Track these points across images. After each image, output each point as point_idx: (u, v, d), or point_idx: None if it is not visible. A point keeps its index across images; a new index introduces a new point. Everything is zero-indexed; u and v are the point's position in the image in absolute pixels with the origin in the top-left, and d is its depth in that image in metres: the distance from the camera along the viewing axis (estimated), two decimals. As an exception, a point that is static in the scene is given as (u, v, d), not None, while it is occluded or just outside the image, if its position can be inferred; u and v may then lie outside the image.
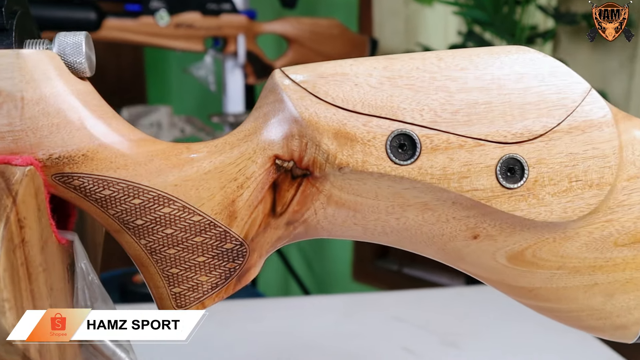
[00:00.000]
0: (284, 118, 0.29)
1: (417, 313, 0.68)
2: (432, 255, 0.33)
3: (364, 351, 0.60)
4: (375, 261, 1.84)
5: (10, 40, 0.28)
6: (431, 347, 0.61)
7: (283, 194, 0.30)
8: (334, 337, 0.63)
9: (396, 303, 0.72)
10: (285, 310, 0.72)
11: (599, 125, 0.31)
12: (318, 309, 0.72)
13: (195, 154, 0.30)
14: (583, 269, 0.32)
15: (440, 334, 0.63)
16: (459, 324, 0.65)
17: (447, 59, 0.30)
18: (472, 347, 0.62)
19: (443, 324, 0.66)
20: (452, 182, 0.29)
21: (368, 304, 0.73)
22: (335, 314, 0.69)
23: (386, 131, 0.29)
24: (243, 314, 0.69)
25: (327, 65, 0.30)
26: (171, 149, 0.30)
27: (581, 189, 0.31)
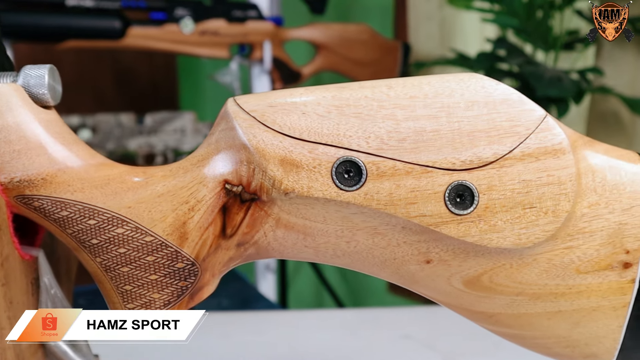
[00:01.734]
0: (234, 145, 0.32)
1: (425, 331, 0.69)
2: (388, 278, 0.34)
3: None
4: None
5: (-25, 73, 0.32)
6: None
7: (233, 217, 0.32)
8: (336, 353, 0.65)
9: (407, 319, 0.73)
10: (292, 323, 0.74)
11: (554, 152, 0.32)
12: (326, 323, 0.74)
13: (150, 177, 0.32)
14: (544, 296, 0.33)
15: (444, 352, 0.65)
16: (465, 343, 0.66)
17: (397, 87, 0.32)
18: None
19: (449, 342, 0.67)
20: (399, 208, 0.31)
21: (378, 320, 0.74)
22: (343, 329, 0.71)
23: (332, 158, 0.31)
24: (247, 325, 0.72)
25: (278, 94, 0.32)
26: (128, 173, 0.33)
27: (535, 216, 0.32)
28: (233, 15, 1.17)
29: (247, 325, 0.73)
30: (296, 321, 0.76)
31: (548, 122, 0.32)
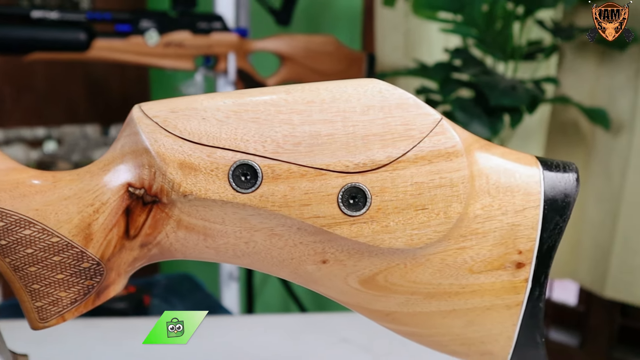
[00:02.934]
0: (137, 149, 0.33)
1: (362, 334, 0.71)
2: (288, 278, 0.36)
3: None
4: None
5: None
6: None
7: (135, 219, 0.34)
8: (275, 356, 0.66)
9: (346, 324, 0.75)
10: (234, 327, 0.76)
11: (447, 155, 0.33)
12: (268, 328, 0.76)
13: (58, 181, 0.34)
14: (438, 295, 0.35)
15: (379, 354, 0.66)
16: (400, 346, 0.68)
17: (295, 93, 0.34)
18: None
19: (384, 345, 0.68)
20: (294, 210, 0.33)
21: (319, 324, 0.76)
22: (284, 332, 0.73)
23: (229, 161, 0.32)
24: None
25: (181, 100, 0.34)
26: (36, 177, 0.34)
27: (427, 217, 0.33)
28: (198, 27, 1.19)
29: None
30: (239, 325, 0.78)
31: (443, 125, 0.34)
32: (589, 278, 1.32)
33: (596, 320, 1.44)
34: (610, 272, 1.25)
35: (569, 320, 1.55)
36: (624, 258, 1.22)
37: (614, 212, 1.22)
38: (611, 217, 1.23)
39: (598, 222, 1.27)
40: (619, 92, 1.18)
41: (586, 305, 1.47)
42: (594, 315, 1.44)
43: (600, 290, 1.29)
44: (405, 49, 1.38)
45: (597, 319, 1.44)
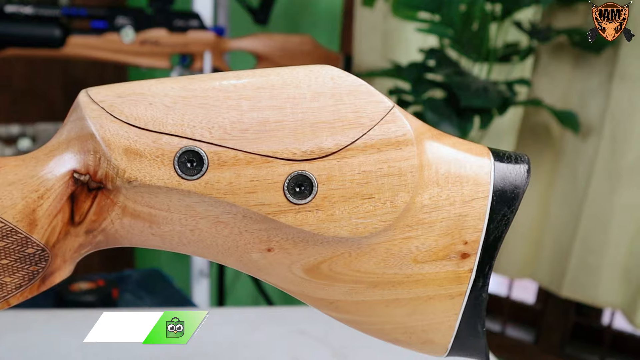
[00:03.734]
0: (83, 135, 0.33)
1: (321, 327, 0.72)
2: (234, 266, 0.36)
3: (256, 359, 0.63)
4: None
5: None
6: (322, 358, 0.64)
7: (80, 205, 0.33)
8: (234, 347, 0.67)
9: (304, 316, 0.76)
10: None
11: (397, 143, 0.33)
12: (229, 320, 0.76)
13: (3, 167, 0.33)
14: (382, 284, 0.35)
15: (335, 347, 0.67)
16: (357, 338, 0.69)
17: (245, 78, 0.33)
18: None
19: (341, 338, 0.69)
20: (239, 197, 0.32)
21: (278, 317, 0.77)
22: (244, 324, 0.73)
23: (175, 148, 0.32)
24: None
25: (128, 85, 0.33)
26: (-20, 162, 0.34)
27: (373, 207, 0.33)
28: (175, 25, 1.18)
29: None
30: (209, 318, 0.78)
31: (394, 113, 0.33)
32: (548, 278, 1.34)
33: (551, 317, 1.47)
34: (568, 272, 1.27)
35: (526, 317, 1.58)
36: (582, 258, 1.24)
37: (576, 215, 1.24)
38: (574, 219, 1.25)
39: (561, 224, 1.29)
40: (590, 96, 1.20)
41: (543, 303, 1.50)
42: (550, 313, 1.47)
43: (557, 289, 1.31)
44: (383, 51, 1.39)
45: (552, 316, 1.47)
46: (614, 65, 1.15)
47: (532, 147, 1.28)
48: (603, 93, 1.17)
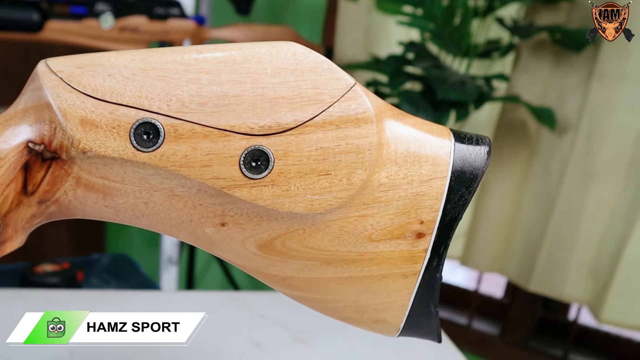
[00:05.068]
0: (39, 105, 0.33)
1: (282, 312, 0.72)
2: (186, 240, 0.36)
3: (216, 343, 0.63)
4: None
5: None
6: (282, 343, 0.65)
7: (34, 175, 0.33)
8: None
9: (266, 301, 0.76)
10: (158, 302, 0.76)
11: (357, 121, 0.33)
12: (191, 303, 0.76)
13: (-43, 135, 0.33)
14: (335, 262, 0.35)
15: (294, 331, 0.67)
16: (317, 323, 0.69)
17: (206, 52, 0.33)
18: (321, 344, 0.67)
19: (302, 322, 0.70)
20: (194, 170, 0.32)
21: (240, 301, 0.77)
22: (206, 308, 0.73)
23: (131, 119, 0.32)
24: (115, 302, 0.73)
25: (88, 56, 0.33)
26: None
27: (329, 183, 0.33)
28: (155, 12, 1.17)
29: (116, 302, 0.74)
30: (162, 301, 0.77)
31: (355, 91, 0.33)
32: (517, 273, 1.36)
33: (518, 312, 1.49)
34: (536, 267, 1.29)
35: (492, 311, 1.60)
36: (552, 254, 1.26)
37: (548, 210, 1.25)
38: (545, 215, 1.26)
39: (532, 220, 1.31)
40: (569, 93, 1.21)
41: (511, 298, 1.52)
42: (517, 307, 1.49)
43: (525, 284, 1.33)
44: (365, 45, 1.39)
45: (519, 310, 1.49)
46: (593, 64, 1.16)
47: (508, 142, 1.29)
48: (581, 91, 1.18)
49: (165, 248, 1.42)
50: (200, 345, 0.63)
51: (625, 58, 1.13)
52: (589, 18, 1.17)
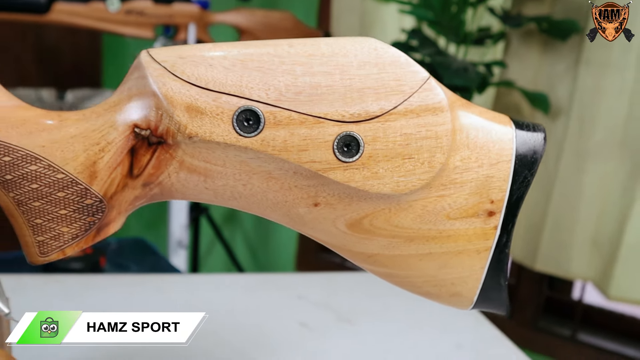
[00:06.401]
0: (144, 92, 0.34)
1: (321, 293, 0.74)
2: (279, 220, 0.38)
3: (264, 324, 0.65)
4: (318, 253, 1.90)
5: None
6: (328, 323, 0.67)
7: (140, 158, 0.34)
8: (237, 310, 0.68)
9: (303, 284, 0.78)
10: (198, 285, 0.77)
11: (434, 110, 0.36)
12: (225, 285, 0.77)
13: (64, 120, 0.34)
14: (417, 239, 0.37)
15: (337, 311, 0.69)
16: (358, 304, 0.71)
17: (297, 46, 0.35)
18: (365, 323, 0.68)
19: (343, 303, 0.71)
20: (292, 154, 0.34)
21: (275, 283, 0.78)
22: (244, 290, 0.75)
23: (234, 107, 0.34)
24: (151, 286, 0.74)
25: (188, 47, 0.35)
26: (43, 115, 0.34)
27: (413, 166, 0.35)
28: (159, -5, 1.17)
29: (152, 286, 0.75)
30: (201, 284, 0.79)
31: (430, 83, 0.36)
32: (522, 253, 1.40)
33: (525, 292, 1.53)
34: (541, 247, 1.33)
35: None
36: (554, 235, 1.30)
37: (547, 194, 1.29)
38: (545, 198, 1.30)
39: (533, 203, 1.34)
40: (558, 79, 1.24)
41: (517, 278, 1.55)
42: (523, 287, 1.53)
43: (531, 264, 1.37)
44: (360, 30, 1.41)
45: (526, 291, 1.53)
46: (579, 52, 1.20)
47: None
48: (570, 77, 1.22)
49: (173, 232, 1.42)
50: (249, 328, 0.65)
51: (609, 47, 1.18)
52: (572, 9, 1.21)
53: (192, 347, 0.60)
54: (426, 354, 0.62)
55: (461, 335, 0.67)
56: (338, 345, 0.62)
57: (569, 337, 1.49)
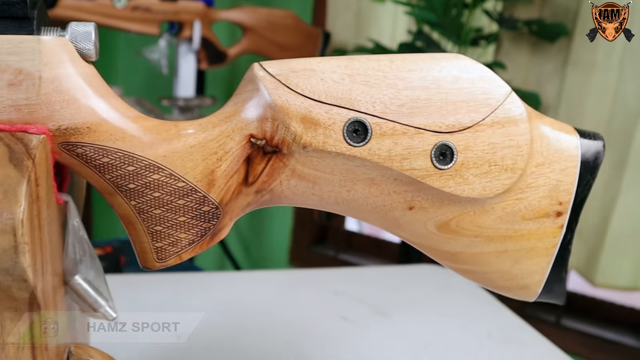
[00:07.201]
0: (259, 104, 0.36)
1: (352, 287, 0.76)
2: (374, 223, 0.40)
3: (306, 318, 0.67)
4: (312, 247, 1.93)
5: (31, 27, 0.33)
6: (366, 317, 0.69)
7: (255, 167, 0.36)
8: (278, 306, 0.70)
9: (333, 279, 0.80)
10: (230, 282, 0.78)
11: (516, 121, 0.39)
12: (260, 282, 0.79)
13: (182, 130, 0.36)
14: (496, 238, 0.40)
15: (372, 305, 0.71)
16: (388, 297, 0.74)
17: (397, 61, 0.37)
18: (399, 316, 0.71)
19: (375, 297, 0.74)
20: (395, 162, 0.37)
21: (307, 279, 0.80)
22: (278, 287, 0.76)
23: (344, 118, 0.36)
24: (193, 285, 0.75)
25: (298, 61, 0.36)
26: (161, 125, 0.36)
27: (498, 172, 0.38)
28: (165, -8, 1.17)
29: (194, 284, 0.76)
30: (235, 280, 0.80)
31: (512, 96, 0.39)
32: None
33: None
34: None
35: None
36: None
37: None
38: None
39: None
40: (546, 79, 1.30)
41: None
42: None
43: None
44: (356, 29, 1.43)
45: None
46: (567, 54, 1.25)
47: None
48: (558, 77, 1.27)
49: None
50: (295, 324, 0.67)
51: (594, 50, 1.23)
52: (560, 13, 1.26)
53: (245, 344, 0.62)
54: (462, 342, 0.66)
55: (489, 324, 0.70)
56: (380, 338, 0.65)
57: (554, 322, 1.56)
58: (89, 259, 0.37)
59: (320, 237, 1.94)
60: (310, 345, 0.62)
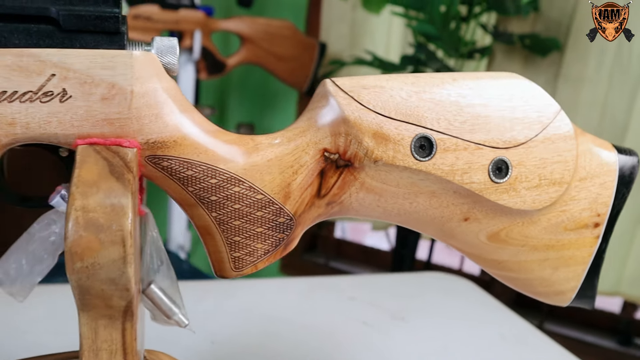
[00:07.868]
0: (333, 119, 0.38)
1: (366, 294, 0.78)
2: (430, 233, 0.42)
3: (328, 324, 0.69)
4: (303, 255, 1.94)
5: (122, 42, 0.35)
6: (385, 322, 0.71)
7: (328, 180, 0.38)
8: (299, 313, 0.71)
9: (348, 285, 0.82)
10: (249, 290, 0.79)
11: (564, 138, 0.41)
12: (278, 289, 0.80)
13: (259, 144, 0.38)
14: (540, 247, 0.43)
15: (389, 310, 0.73)
16: (402, 303, 0.76)
17: (459, 80, 0.40)
18: (416, 320, 0.73)
19: (390, 303, 0.76)
20: (457, 176, 0.39)
21: (323, 286, 0.81)
22: (296, 293, 0.78)
23: (412, 134, 0.38)
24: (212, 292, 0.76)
25: (368, 78, 0.39)
26: (240, 139, 0.37)
27: (547, 186, 0.41)
28: (167, 2, 1.18)
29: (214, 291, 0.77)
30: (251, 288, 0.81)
31: (561, 114, 0.41)
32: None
33: (499, 288, 1.63)
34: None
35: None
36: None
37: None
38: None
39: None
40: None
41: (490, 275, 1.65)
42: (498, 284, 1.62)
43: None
44: (351, 40, 1.46)
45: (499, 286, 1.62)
46: (558, 67, 1.30)
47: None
48: (549, 90, 1.31)
49: (174, 237, 1.41)
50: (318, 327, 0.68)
51: (584, 63, 1.28)
52: (552, 27, 1.31)
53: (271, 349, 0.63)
54: (478, 344, 0.68)
55: (500, 327, 0.73)
56: (401, 341, 0.67)
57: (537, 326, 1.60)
58: (166, 268, 0.39)
59: (311, 245, 1.96)
60: (338, 349, 0.64)
